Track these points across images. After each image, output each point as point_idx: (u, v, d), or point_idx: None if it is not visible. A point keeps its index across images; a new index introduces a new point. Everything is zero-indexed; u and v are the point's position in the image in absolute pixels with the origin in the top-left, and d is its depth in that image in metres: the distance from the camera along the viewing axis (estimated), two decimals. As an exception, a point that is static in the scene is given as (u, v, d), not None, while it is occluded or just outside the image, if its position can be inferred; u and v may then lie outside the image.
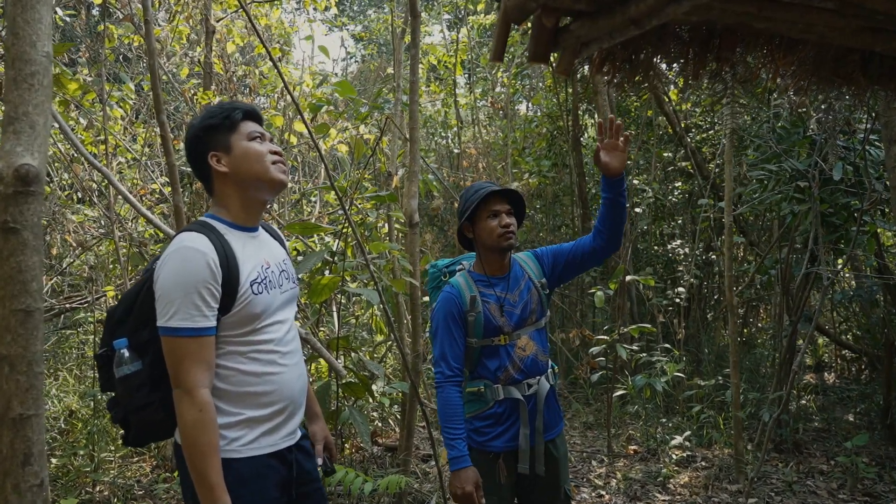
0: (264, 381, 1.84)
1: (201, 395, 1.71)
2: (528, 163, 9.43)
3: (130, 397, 1.80)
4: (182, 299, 1.69)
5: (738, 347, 4.96)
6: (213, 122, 1.89)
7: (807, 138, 4.36)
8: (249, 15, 2.97)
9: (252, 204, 1.93)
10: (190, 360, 1.70)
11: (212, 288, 1.72)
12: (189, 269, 1.71)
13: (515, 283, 2.57)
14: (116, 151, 5.19)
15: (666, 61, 1.81)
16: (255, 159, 1.88)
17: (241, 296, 1.78)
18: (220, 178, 1.90)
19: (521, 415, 2.48)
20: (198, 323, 1.71)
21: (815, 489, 4.76)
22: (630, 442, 5.91)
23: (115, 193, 4.40)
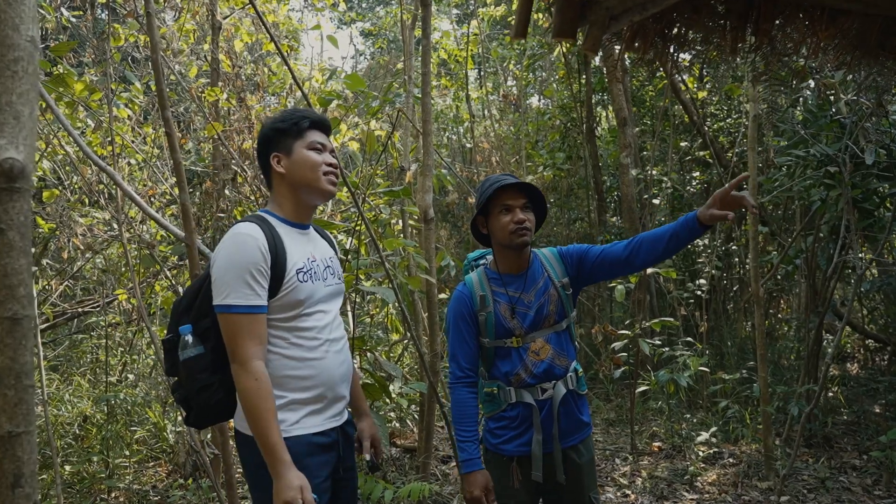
0: (306, 365, 1.97)
1: (256, 365, 1.87)
2: (542, 156, 9.28)
3: (193, 379, 1.96)
4: (236, 279, 1.87)
5: (764, 340, 4.80)
6: (283, 125, 2.07)
7: (834, 122, 4.20)
8: (257, 9, 2.86)
9: (302, 205, 2.10)
10: (244, 334, 1.87)
11: (262, 269, 1.89)
12: (241, 252, 1.89)
13: (532, 283, 2.42)
14: (125, 152, 5.11)
15: (701, 36, 1.67)
16: (309, 167, 2.05)
17: (287, 281, 1.93)
18: (278, 178, 2.09)
19: (533, 420, 2.36)
20: (250, 300, 1.88)
21: (848, 485, 4.60)
22: (654, 439, 5.77)
23: (122, 195, 4.32)
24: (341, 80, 8.81)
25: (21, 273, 1.15)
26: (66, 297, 5.70)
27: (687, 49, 1.62)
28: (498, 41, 10.94)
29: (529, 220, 2.36)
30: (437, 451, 4.90)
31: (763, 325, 4.85)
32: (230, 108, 5.06)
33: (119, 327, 5.68)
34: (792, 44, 1.80)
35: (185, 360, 1.97)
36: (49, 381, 5.45)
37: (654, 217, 7.87)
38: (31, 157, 1.18)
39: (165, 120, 2.77)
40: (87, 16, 5.33)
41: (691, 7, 1.59)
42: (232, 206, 4.87)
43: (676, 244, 2.29)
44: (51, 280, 5.32)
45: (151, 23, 2.73)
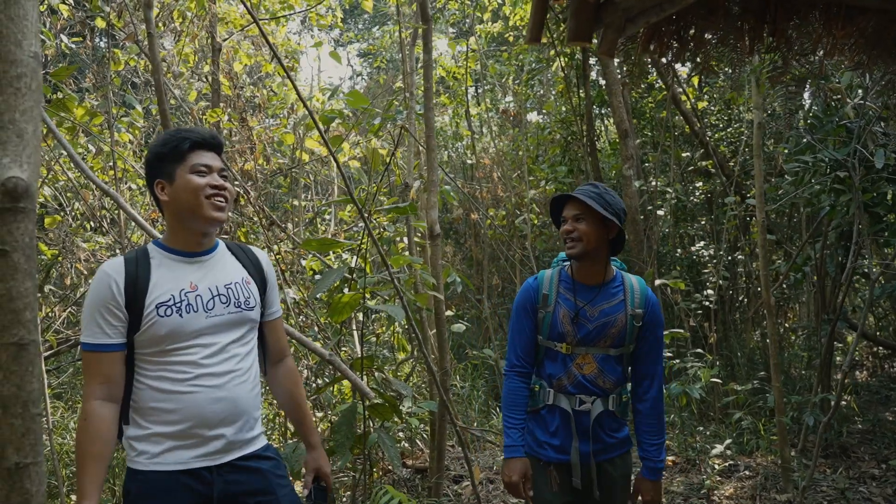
0: (171, 398, 1.90)
1: (89, 405, 1.84)
2: (543, 170, 9.25)
3: None
4: (88, 317, 1.88)
5: (777, 349, 4.74)
6: (162, 150, 1.96)
7: (840, 127, 4.16)
8: (260, 27, 2.83)
9: (189, 233, 1.99)
10: (89, 373, 1.87)
11: (112, 307, 1.86)
12: (95, 290, 1.88)
13: (603, 299, 2.41)
14: (126, 177, 5.08)
15: (718, 37, 1.63)
16: (191, 192, 1.92)
17: (146, 316, 1.88)
18: (164, 206, 1.99)
19: (571, 427, 2.39)
20: (98, 339, 1.86)
21: (869, 496, 4.51)
22: (667, 452, 5.68)
23: (126, 219, 4.28)
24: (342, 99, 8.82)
25: (27, 297, 1.10)
26: (68, 323, 5.64)
27: (703, 51, 1.58)
28: (494, 58, 10.97)
29: (579, 230, 2.34)
30: (449, 470, 4.82)
31: (775, 333, 4.79)
32: (231, 130, 5.04)
33: (123, 353, 5.62)
34: (809, 43, 1.77)
35: None
36: (53, 409, 5.38)
37: (658, 228, 7.82)
38: (35, 175, 1.14)
39: (169, 140, 2.73)
40: (87, 42, 5.33)
41: (707, 8, 1.56)
42: (235, 228, 4.83)
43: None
44: (54, 307, 5.27)
45: (153, 44, 2.70)
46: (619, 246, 2.46)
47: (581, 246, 2.34)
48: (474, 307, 9.40)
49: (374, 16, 18.36)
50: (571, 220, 2.36)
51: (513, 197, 8.91)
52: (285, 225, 5.31)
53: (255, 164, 4.99)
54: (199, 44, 5.75)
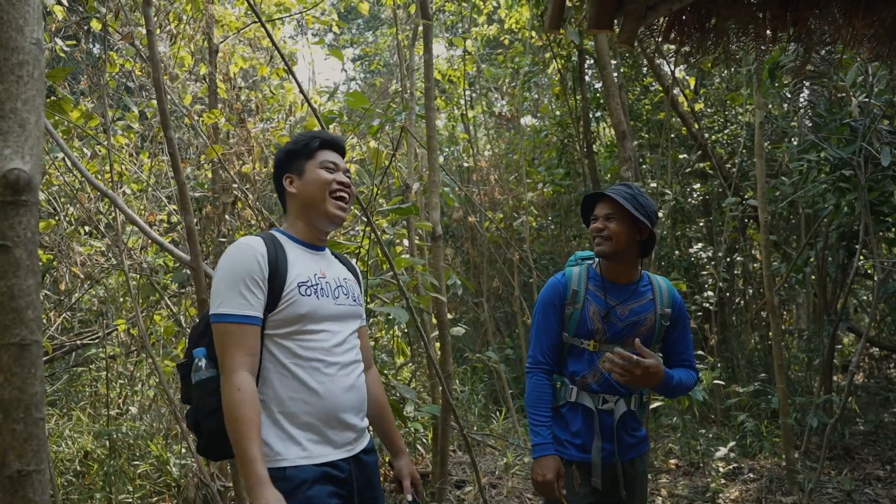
0: (309, 384, 1.86)
1: (240, 376, 1.77)
2: (540, 173, 9.23)
3: (203, 402, 1.87)
4: (230, 289, 1.81)
5: (781, 350, 4.70)
6: (294, 147, 2.06)
7: (844, 126, 4.14)
8: (264, 24, 2.78)
9: (311, 229, 2.05)
10: (232, 345, 1.79)
11: (258, 279, 1.83)
12: (238, 261, 1.84)
13: (633, 299, 2.40)
14: (122, 180, 5.01)
15: (739, 27, 1.59)
16: (318, 186, 2.00)
17: (286, 294, 1.85)
18: (291, 200, 2.06)
19: (594, 425, 2.35)
20: (242, 310, 1.81)
21: (875, 497, 4.48)
22: (669, 456, 5.63)
23: (122, 221, 4.22)
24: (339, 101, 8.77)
25: (29, 294, 1.04)
26: (63, 329, 5.56)
27: (724, 40, 1.54)
28: (489, 61, 10.94)
29: (609, 228, 2.33)
30: (451, 475, 4.76)
31: (779, 334, 4.76)
32: (229, 132, 4.98)
33: (119, 359, 5.54)
34: (829, 35, 1.73)
35: (197, 383, 1.89)
36: (49, 417, 5.29)
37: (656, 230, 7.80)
38: (38, 168, 1.08)
39: (168, 140, 2.68)
40: (82, 45, 5.26)
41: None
42: (233, 231, 4.76)
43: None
44: (49, 312, 5.19)
45: (152, 41, 2.64)
46: (650, 248, 2.44)
47: (610, 245, 2.34)
48: (472, 310, 9.35)
49: (368, 20, 18.34)
50: (602, 219, 2.36)
51: (510, 199, 8.87)
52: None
53: (252, 166, 4.93)
54: (194, 46, 5.69)
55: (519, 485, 4.75)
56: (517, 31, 9.52)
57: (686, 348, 2.48)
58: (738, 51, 1.57)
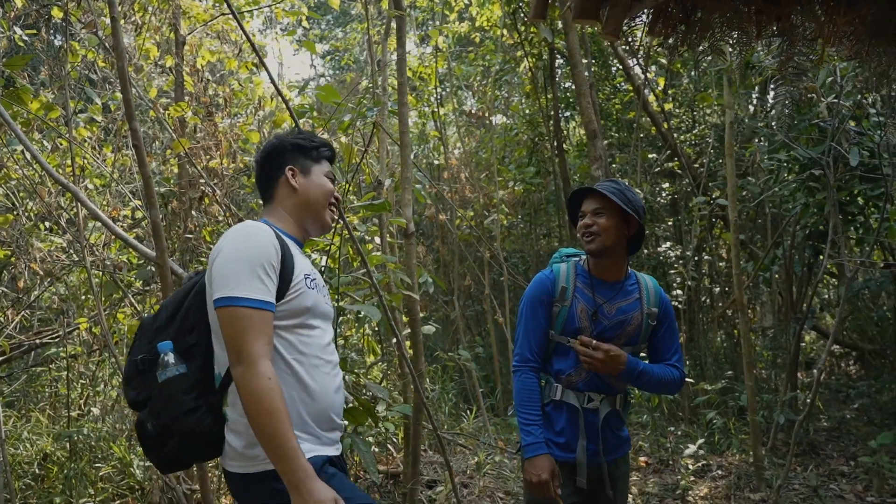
0: (309, 387, 1.79)
1: (266, 365, 1.65)
2: (511, 171, 9.23)
3: (175, 402, 1.73)
4: (246, 271, 1.69)
5: (750, 348, 4.75)
6: (304, 144, 2.02)
7: (812, 126, 4.19)
8: (235, 15, 2.70)
9: (301, 230, 2.00)
10: (252, 330, 1.66)
11: (274, 265, 1.74)
12: (254, 244, 1.74)
13: (621, 297, 2.37)
14: (84, 174, 4.86)
15: (725, 20, 1.57)
16: (322, 193, 2.00)
17: (294, 284, 1.79)
18: (286, 192, 1.98)
19: (579, 424, 2.31)
20: (261, 295, 1.69)
21: (840, 493, 4.55)
22: (639, 453, 5.67)
23: (85, 217, 4.08)
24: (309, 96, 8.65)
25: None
26: (22, 328, 5.38)
27: (709, 34, 1.52)
28: (460, 59, 10.91)
29: (599, 224, 2.30)
30: (422, 475, 4.72)
31: (748, 333, 4.81)
32: (196, 125, 4.86)
33: (80, 358, 5.38)
34: (811, 31, 1.72)
35: (166, 381, 1.74)
36: (6, 419, 5.12)
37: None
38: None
39: (133, 131, 2.58)
40: (42, 34, 5.09)
41: (714, -10, 1.49)
42: (200, 227, 4.65)
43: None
44: (7, 310, 5.01)
45: (117, 29, 2.55)
46: (638, 244, 2.42)
47: (600, 241, 2.31)
48: (441, 308, 9.32)
49: (338, 16, 18.19)
50: (591, 215, 2.33)
51: (481, 197, 8.85)
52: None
53: (220, 161, 4.81)
54: (160, 38, 5.55)
55: (491, 484, 4.73)
56: (488, 30, 9.51)
57: (672, 348, 2.44)
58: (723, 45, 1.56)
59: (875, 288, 4.68)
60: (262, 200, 2.05)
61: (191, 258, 4.70)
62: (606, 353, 2.23)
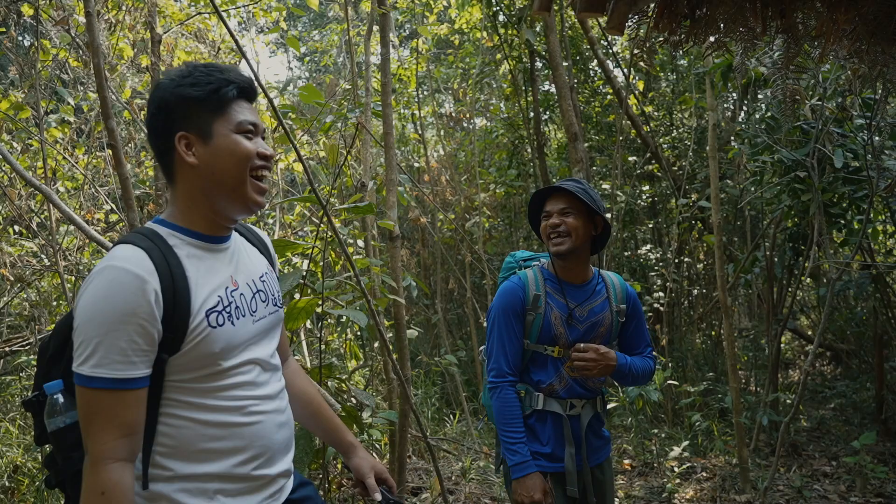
0: (232, 434, 1.42)
1: (108, 471, 1.27)
2: (491, 174, 9.21)
3: (67, 458, 1.38)
4: (101, 339, 1.27)
5: (734, 350, 4.75)
6: (195, 93, 1.40)
7: (796, 128, 4.20)
8: (220, 13, 2.62)
9: (216, 215, 1.48)
10: (102, 420, 1.28)
11: (146, 325, 1.30)
12: (117, 299, 1.28)
13: (590, 298, 2.31)
14: (56, 176, 4.72)
15: (730, 15, 1.53)
16: (236, 162, 1.42)
17: (192, 330, 1.36)
18: (186, 170, 1.43)
19: (564, 432, 2.25)
20: (119, 372, 1.28)
21: (824, 493, 4.56)
22: (623, 456, 5.65)
23: (57, 220, 3.96)
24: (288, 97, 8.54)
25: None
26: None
27: (714, 29, 1.48)
28: (439, 61, 10.87)
29: (567, 224, 2.23)
30: (407, 482, 4.64)
31: (731, 335, 4.81)
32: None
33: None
34: (814, 28, 1.69)
35: (55, 432, 1.38)
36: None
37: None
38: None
39: (109, 130, 2.49)
40: (11, 32, 4.94)
41: (719, -15, 1.45)
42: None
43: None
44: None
45: (91, 23, 2.45)
46: (602, 244, 2.36)
47: (570, 242, 2.24)
48: (422, 312, 9.25)
49: (315, 18, 18.06)
50: (557, 214, 2.25)
51: (462, 200, 8.81)
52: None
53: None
54: (134, 37, 5.42)
55: (477, 490, 4.67)
56: (467, 32, 9.48)
57: (642, 341, 2.43)
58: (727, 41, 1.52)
59: (855, 289, 4.70)
60: (167, 183, 1.51)
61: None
62: (600, 355, 2.20)
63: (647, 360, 2.40)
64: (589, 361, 2.20)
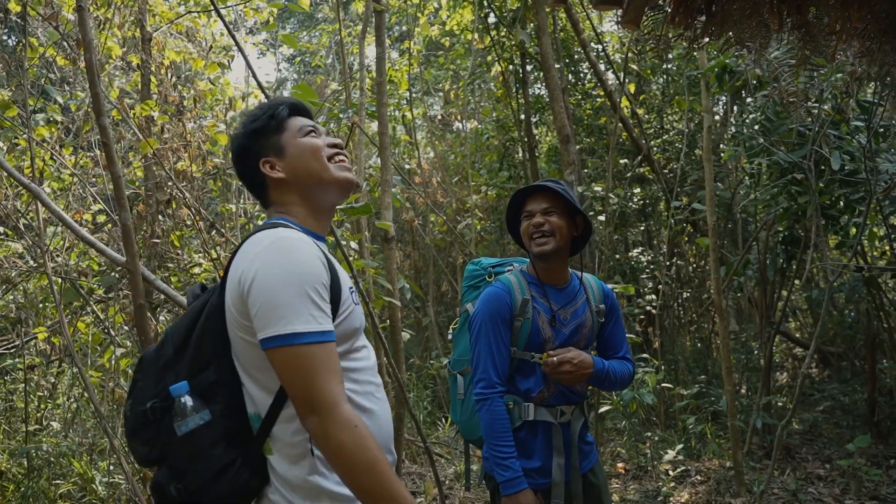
0: (369, 416, 1.47)
1: (347, 410, 1.35)
2: (482, 176, 9.18)
3: (203, 459, 1.39)
4: (298, 298, 1.35)
5: (729, 352, 4.74)
6: (258, 125, 1.61)
7: (791, 130, 4.20)
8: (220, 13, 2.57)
9: (320, 210, 1.62)
10: (323, 371, 1.35)
11: (325, 283, 1.42)
12: (299, 261, 1.39)
13: (572, 301, 2.25)
14: (43, 176, 4.64)
15: (743, 12, 1.50)
16: (311, 154, 1.58)
17: (344, 303, 1.48)
18: (279, 187, 1.60)
19: (554, 442, 2.18)
20: (322, 325, 1.37)
21: (819, 496, 4.55)
22: (616, 460, 5.62)
23: (45, 220, 3.88)
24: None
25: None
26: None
27: (729, 24, 1.45)
28: (429, 63, 10.84)
29: (551, 223, 2.17)
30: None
31: (727, 337, 4.80)
32: (164, 126, 4.67)
33: (38, 369, 5.12)
34: (827, 25, 1.67)
35: (189, 434, 1.39)
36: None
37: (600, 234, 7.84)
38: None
39: (102, 128, 2.42)
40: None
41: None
42: (168, 231, 4.46)
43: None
44: (-41, 320, 4.76)
45: (84, 18, 2.39)
46: (581, 245, 2.32)
47: (554, 242, 2.18)
48: (412, 314, 9.20)
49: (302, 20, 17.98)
50: (541, 214, 2.19)
51: (454, 202, 8.77)
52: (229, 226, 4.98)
53: (189, 163, 4.64)
54: (123, 35, 5.34)
55: (471, 494, 4.62)
56: (458, 34, 9.45)
57: (621, 341, 2.37)
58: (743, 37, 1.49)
59: (848, 292, 4.71)
60: (264, 208, 1.67)
61: (158, 264, 4.51)
62: (572, 363, 2.12)
63: (625, 364, 2.34)
64: (563, 374, 2.14)
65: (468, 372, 2.35)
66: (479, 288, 2.41)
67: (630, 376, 2.33)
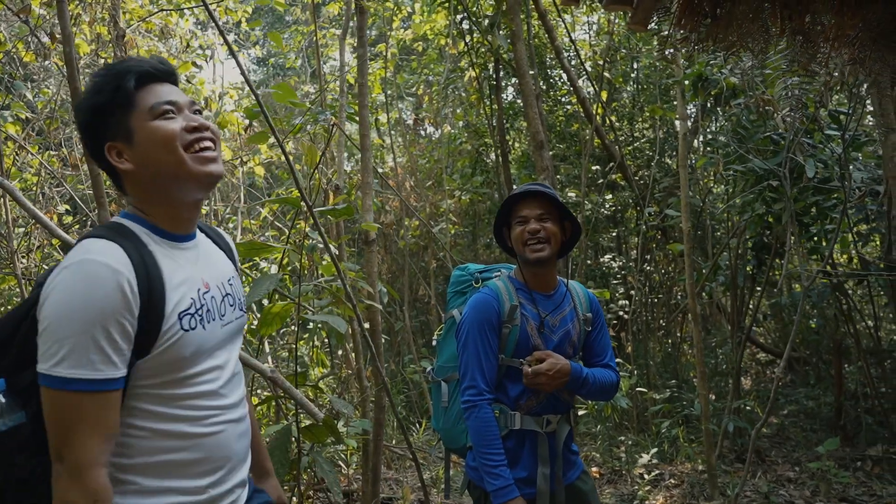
0: (195, 445, 1.36)
1: (95, 477, 1.20)
2: (455, 181, 9.19)
3: (8, 465, 1.26)
4: (79, 337, 1.19)
5: (703, 357, 4.80)
6: (101, 99, 1.35)
7: (766, 139, 4.28)
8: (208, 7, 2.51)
9: (178, 207, 1.41)
10: (84, 425, 1.20)
11: (125, 323, 1.23)
12: (95, 295, 1.20)
13: (560, 308, 2.22)
14: (10, 175, 4.50)
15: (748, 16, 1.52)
16: (162, 146, 1.34)
17: (165, 332, 1.29)
18: (129, 177, 1.38)
19: (539, 451, 2.15)
20: (100, 373, 1.20)
21: (790, 498, 4.63)
22: (591, 464, 5.65)
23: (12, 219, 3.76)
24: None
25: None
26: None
27: (734, 27, 1.46)
28: (402, 68, 10.82)
29: (547, 229, 2.14)
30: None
31: (700, 341, 4.86)
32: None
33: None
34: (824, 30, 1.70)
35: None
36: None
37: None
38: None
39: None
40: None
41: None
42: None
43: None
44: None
45: (63, 10, 2.32)
46: (566, 250, 2.29)
47: (549, 248, 2.15)
48: (385, 319, 9.14)
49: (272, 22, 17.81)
50: (536, 220, 2.16)
51: (427, 206, 8.76)
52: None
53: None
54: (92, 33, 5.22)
55: (450, 502, 4.59)
56: (432, 40, 9.45)
57: (605, 348, 2.34)
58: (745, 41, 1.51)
59: (816, 297, 4.81)
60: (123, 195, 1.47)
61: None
62: (550, 371, 2.09)
63: (609, 372, 2.30)
64: (540, 383, 2.11)
65: (453, 379, 2.32)
66: (466, 294, 2.39)
67: (613, 385, 2.29)
